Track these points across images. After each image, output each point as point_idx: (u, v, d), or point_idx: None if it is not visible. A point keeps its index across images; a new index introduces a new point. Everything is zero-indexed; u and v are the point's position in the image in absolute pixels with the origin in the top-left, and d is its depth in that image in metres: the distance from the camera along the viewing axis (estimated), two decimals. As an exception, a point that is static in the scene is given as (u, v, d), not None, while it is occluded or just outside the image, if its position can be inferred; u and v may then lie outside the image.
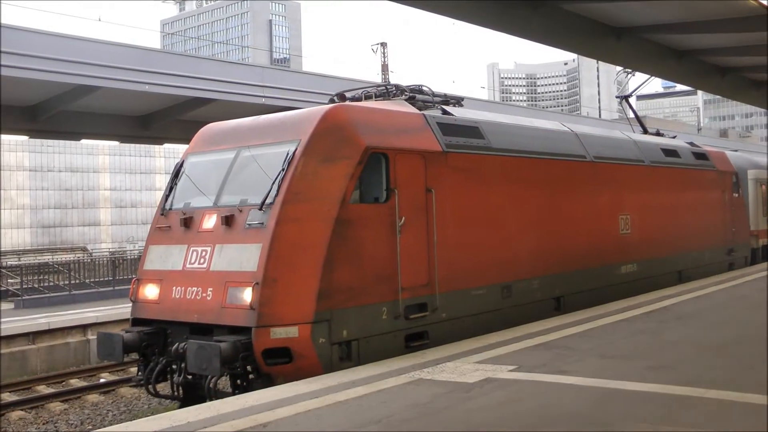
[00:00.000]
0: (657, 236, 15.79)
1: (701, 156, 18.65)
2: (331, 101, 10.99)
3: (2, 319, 18.14)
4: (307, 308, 8.49)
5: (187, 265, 9.25)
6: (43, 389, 15.05)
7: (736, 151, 27.77)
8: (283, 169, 8.92)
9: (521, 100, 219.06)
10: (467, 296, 10.60)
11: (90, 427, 12.45)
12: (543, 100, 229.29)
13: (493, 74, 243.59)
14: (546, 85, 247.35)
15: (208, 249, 9.13)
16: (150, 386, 9.39)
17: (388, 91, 11.48)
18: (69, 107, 23.63)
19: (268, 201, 8.80)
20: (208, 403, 7.28)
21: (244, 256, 8.69)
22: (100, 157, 59.14)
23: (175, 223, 9.72)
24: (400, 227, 9.54)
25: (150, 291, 9.60)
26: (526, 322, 11.21)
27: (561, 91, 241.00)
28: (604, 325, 10.82)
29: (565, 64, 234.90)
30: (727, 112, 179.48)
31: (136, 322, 9.71)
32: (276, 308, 8.42)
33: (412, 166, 9.91)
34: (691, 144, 19.40)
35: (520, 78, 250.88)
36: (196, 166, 10.33)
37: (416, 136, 10.22)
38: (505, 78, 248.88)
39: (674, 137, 19.82)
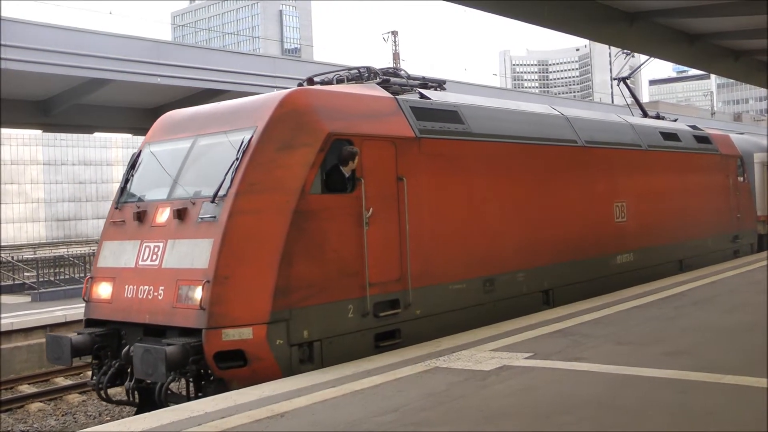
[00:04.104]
0: (655, 224, 15.20)
1: (703, 139, 18.04)
2: (300, 86, 10.26)
3: (20, 312, 18.31)
4: (262, 307, 7.94)
5: (140, 262, 8.71)
6: (62, 381, 15.17)
7: (741, 134, 27.20)
8: (237, 159, 8.37)
9: (533, 87, 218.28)
10: (444, 291, 10.02)
11: (108, 418, 12.54)
12: (555, 87, 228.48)
13: (504, 61, 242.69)
14: (558, 71, 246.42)
15: (161, 245, 8.59)
16: (102, 392, 8.86)
17: (360, 75, 10.85)
18: (82, 101, 23.76)
19: (220, 193, 8.25)
20: (225, 394, 7.29)
21: (196, 252, 8.15)
22: (113, 149, 59.47)
23: (129, 217, 9.19)
24: (367, 219, 8.96)
25: (103, 290, 9.05)
26: (511, 317, 10.70)
27: (573, 77, 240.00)
28: (620, 312, 10.79)
29: (577, 50, 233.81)
30: (740, 95, 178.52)
31: (90, 322, 9.17)
32: (228, 308, 7.88)
33: (381, 153, 9.33)
34: (693, 127, 18.81)
35: (532, 65, 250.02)
36: (153, 156, 9.76)
37: (386, 122, 9.63)
38: (517, 65, 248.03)
39: (675, 120, 19.32)
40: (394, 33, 64.97)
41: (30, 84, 21.86)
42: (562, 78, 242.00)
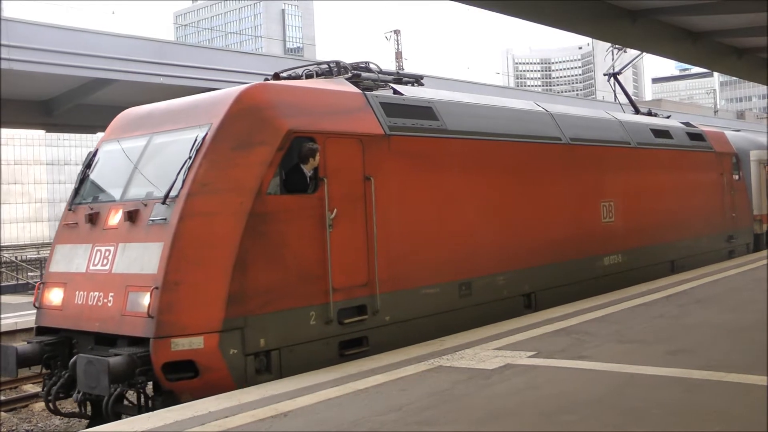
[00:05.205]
0: (645, 224, 14.73)
1: (696, 136, 17.64)
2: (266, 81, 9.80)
3: (23, 312, 18.33)
4: (214, 315, 7.51)
5: (91, 267, 8.26)
6: (65, 381, 15.17)
7: (738, 131, 26.74)
8: (190, 157, 7.94)
9: (536, 86, 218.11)
10: (416, 296, 9.56)
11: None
12: (558, 85, 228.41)
13: (507, 60, 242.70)
14: (560, 69, 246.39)
15: (112, 249, 8.15)
16: (50, 403, 8.30)
17: (330, 70, 10.34)
18: (84, 101, 23.78)
19: (172, 193, 7.83)
20: (229, 393, 7.27)
21: (146, 257, 7.72)
22: (116, 149, 59.48)
23: (81, 219, 8.73)
24: (330, 220, 8.54)
25: (54, 296, 8.60)
26: (490, 322, 10.24)
27: (576, 75, 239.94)
28: (623, 310, 10.77)
29: (580, 48, 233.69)
30: (744, 93, 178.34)
31: (41, 330, 8.70)
32: (178, 316, 7.45)
33: (346, 151, 8.89)
34: (687, 124, 18.48)
35: (535, 63, 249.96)
36: (109, 155, 9.30)
37: (353, 118, 9.19)
38: (520, 63, 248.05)
39: (668, 117, 18.97)
40: (397, 32, 65.04)
41: (33, 84, 21.89)
42: (564, 76, 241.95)
